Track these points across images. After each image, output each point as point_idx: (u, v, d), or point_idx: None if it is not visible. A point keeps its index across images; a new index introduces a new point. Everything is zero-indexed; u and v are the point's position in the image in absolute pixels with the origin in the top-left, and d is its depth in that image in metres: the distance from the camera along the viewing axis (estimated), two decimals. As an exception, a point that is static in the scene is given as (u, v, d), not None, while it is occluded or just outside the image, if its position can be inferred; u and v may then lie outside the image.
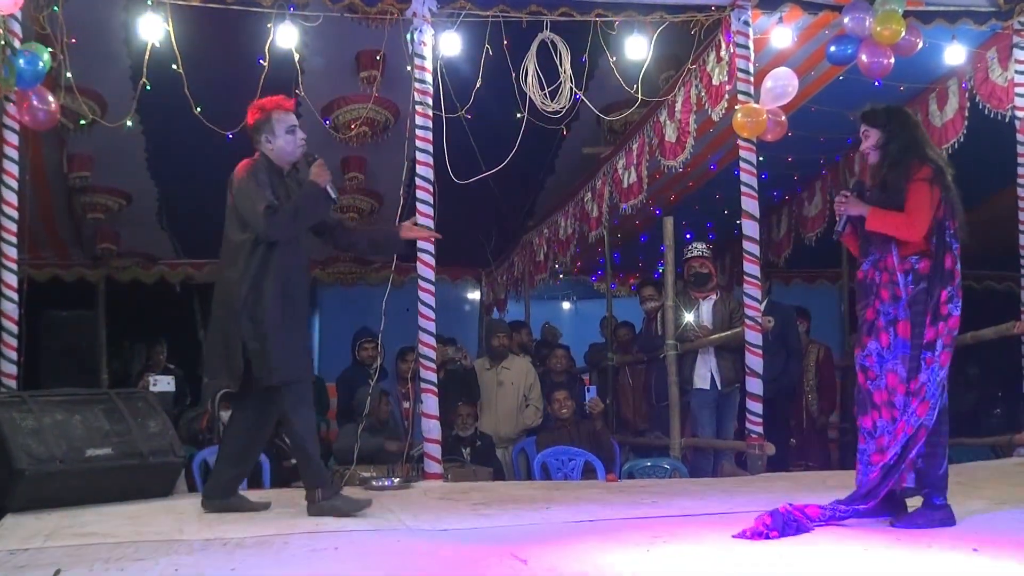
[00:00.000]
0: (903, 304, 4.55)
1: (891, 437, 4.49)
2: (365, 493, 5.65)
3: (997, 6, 7.37)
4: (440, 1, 6.86)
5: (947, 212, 4.57)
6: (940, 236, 4.56)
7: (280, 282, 4.95)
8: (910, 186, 4.59)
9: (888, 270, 4.62)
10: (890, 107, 4.86)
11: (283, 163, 5.20)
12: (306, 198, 5.06)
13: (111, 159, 9.32)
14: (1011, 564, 3.64)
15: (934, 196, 4.57)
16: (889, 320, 4.58)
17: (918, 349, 4.52)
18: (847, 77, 7.71)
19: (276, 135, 5.12)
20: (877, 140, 4.77)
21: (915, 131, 4.79)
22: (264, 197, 4.91)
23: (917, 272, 4.56)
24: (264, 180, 5.00)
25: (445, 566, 3.80)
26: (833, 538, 4.24)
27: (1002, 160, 7.65)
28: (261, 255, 4.95)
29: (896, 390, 4.55)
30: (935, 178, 4.60)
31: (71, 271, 11.95)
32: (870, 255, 4.71)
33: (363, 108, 8.40)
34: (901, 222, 4.59)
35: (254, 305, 4.90)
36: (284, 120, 5.15)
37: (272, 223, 4.89)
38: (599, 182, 9.91)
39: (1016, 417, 7.78)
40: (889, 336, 4.58)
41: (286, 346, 4.92)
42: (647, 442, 9.02)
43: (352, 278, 12.51)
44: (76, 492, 5.29)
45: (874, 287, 4.66)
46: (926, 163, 4.64)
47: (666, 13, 7.14)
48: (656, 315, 8.94)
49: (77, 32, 6.75)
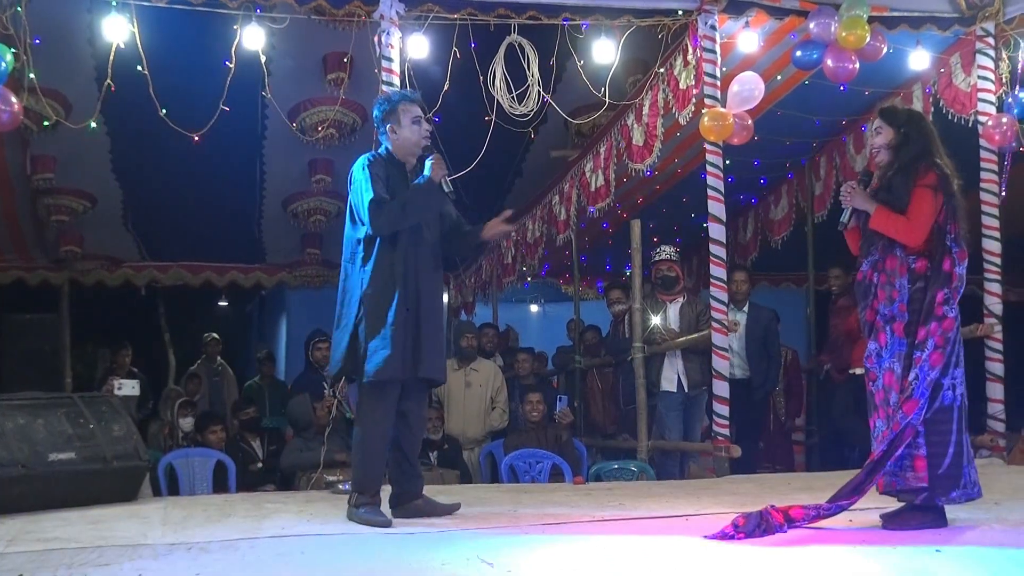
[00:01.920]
0: (899, 304, 4.58)
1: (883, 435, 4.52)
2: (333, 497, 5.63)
3: (960, 12, 7.45)
4: (407, 3, 6.85)
5: (948, 217, 4.58)
6: (939, 239, 4.57)
7: (398, 278, 4.87)
8: (914, 191, 4.61)
9: (887, 271, 4.64)
10: (911, 110, 4.88)
11: (406, 155, 5.09)
12: (417, 192, 4.96)
13: (75, 161, 9.24)
14: (974, 564, 3.67)
15: (937, 202, 4.59)
16: (886, 320, 4.61)
17: (911, 347, 4.54)
18: (813, 82, 7.78)
19: (402, 125, 5.05)
20: (890, 140, 4.77)
21: (929, 138, 4.78)
22: (372, 191, 4.84)
23: (914, 272, 4.58)
24: (379, 174, 4.92)
25: (411, 569, 3.79)
26: (797, 539, 4.26)
27: (965, 165, 7.69)
28: (372, 248, 4.90)
29: (892, 388, 4.57)
30: (939, 184, 4.61)
31: (34, 274, 11.84)
32: (870, 256, 4.73)
33: (330, 110, 8.37)
34: (903, 226, 4.61)
35: (371, 302, 4.85)
36: (410, 111, 5.07)
37: (377, 217, 4.82)
38: (567, 185, 9.93)
39: (979, 419, 7.84)
40: (887, 335, 4.60)
41: (395, 345, 4.82)
42: (615, 445, 9.04)
43: (320, 280, 12.46)
44: (39, 497, 5.23)
45: (872, 288, 4.68)
46: (932, 169, 4.64)
47: (633, 17, 7.16)
48: (623, 318, 8.97)
49: (40, 32, 6.69)
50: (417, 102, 5.16)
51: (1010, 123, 7.39)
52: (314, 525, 4.81)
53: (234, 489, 7.06)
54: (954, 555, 3.83)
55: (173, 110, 7.01)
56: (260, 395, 10.80)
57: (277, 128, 8.76)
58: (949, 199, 4.61)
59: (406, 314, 4.85)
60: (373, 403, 4.92)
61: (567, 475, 7.18)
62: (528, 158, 10.10)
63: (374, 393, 4.90)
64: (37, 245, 11.38)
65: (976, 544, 4.03)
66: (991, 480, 6.29)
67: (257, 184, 10.10)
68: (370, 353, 4.82)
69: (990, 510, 5.01)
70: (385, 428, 4.95)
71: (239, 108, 7.37)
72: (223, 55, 6.84)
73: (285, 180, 10.11)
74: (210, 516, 5.13)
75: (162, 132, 7.05)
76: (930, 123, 4.92)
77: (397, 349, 4.81)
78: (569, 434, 8.40)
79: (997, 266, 7.52)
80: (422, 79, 7.08)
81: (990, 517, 4.81)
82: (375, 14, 6.84)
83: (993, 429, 7.42)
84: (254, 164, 9.70)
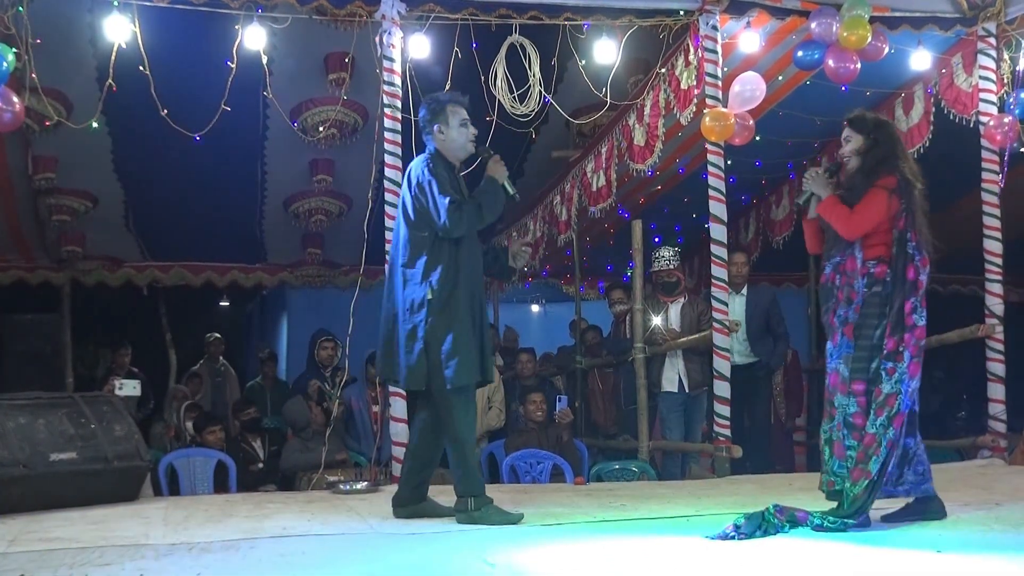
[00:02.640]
0: (854, 306, 4.61)
1: (862, 449, 4.51)
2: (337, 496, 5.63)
3: (962, 12, 7.44)
4: (409, 4, 6.85)
5: (908, 223, 4.61)
6: (901, 247, 4.60)
7: (462, 281, 4.88)
8: (870, 190, 4.66)
9: (847, 273, 4.67)
10: (879, 117, 4.92)
11: (453, 157, 5.08)
12: (487, 194, 4.97)
13: (77, 161, 9.24)
14: (975, 565, 3.67)
15: (891, 205, 4.61)
16: (841, 321, 4.65)
17: (866, 351, 4.56)
18: (814, 82, 7.77)
19: (450, 126, 5.02)
20: (859, 147, 4.81)
21: (895, 145, 4.85)
22: (448, 192, 4.82)
23: (872, 276, 4.61)
24: (444, 176, 4.91)
25: (413, 570, 3.79)
26: (798, 540, 4.26)
27: (967, 165, 7.72)
28: (439, 251, 4.88)
29: (837, 389, 4.61)
30: (897, 189, 4.64)
31: (36, 274, 11.82)
32: (832, 258, 4.76)
33: (331, 110, 8.37)
34: (843, 215, 4.67)
35: (438, 304, 4.82)
36: (457, 113, 5.05)
37: (458, 218, 4.80)
38: (568, 185, 9.92)
39: (980, 419, 7.84)
40: (838, 336, 4.65)
41: (469, 348, 4.83)
42: (616, 445, 9.04)
43: (321, 281, 12.46)
44: (40, 497, 5.24)
45: (834, 291, 4.71)
46: (894, 173, 4.69)
47: (635, 17, 7.16)
48: (624, 318, 8.97)
49: (42, 33, 6.69)
50: (465, 105, 5.15)
51: (1012, 123, 7.39)
52: (315, 525, 4.81)
53: (235, 489, 7.05)
54: (955, 556, 3.83)
55: (174, 110, 7.02)
56: (262, 395, 10.80)
57: (278, 128, 8.76)
58: (909, 204, 4.63)
59: (472, 317, 4.88)
60: (461, 407, 4.89)
61: (568, 475, 7.18)
62: (529, 158, 10.09)
63: (460, 398, 4.88)
64: (38, 245, 11.37)
65: (977, 545, 4.03)
66: (992, 481, 6.31)
67: (258, 184, 10.09)
68: (446, 359, 4.79)
69: (991, 510, 5.03)
70: (475, 429, 4.99)
71: (240, 108, 7.37)
72: (224, 55, 6.84)
73: (286, 180, 10.10)
74: (211, 516, 5.13)
75: (163, 132, 7.06)
76: (896, 130, 5.00)
77: (474, 352, 4.84)
78: (570, 434, 8.40)
79: (998, 266, 7.51)
80: (423, 79, 7.07)
81: (991, 517, 4.82)
82: (376, 14, 6.84)
83: (994, 430, 7.42)
84: (255, 164, 9.69)
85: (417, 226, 4.94)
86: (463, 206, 4.83)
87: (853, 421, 4.56)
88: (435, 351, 4.81)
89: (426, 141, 5.12)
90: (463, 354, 4.80)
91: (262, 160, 9.63)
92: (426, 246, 4.90)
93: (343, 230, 10.52)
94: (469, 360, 4.82)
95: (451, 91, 5.27)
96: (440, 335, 4.80)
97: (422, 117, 5.12)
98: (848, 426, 4.58)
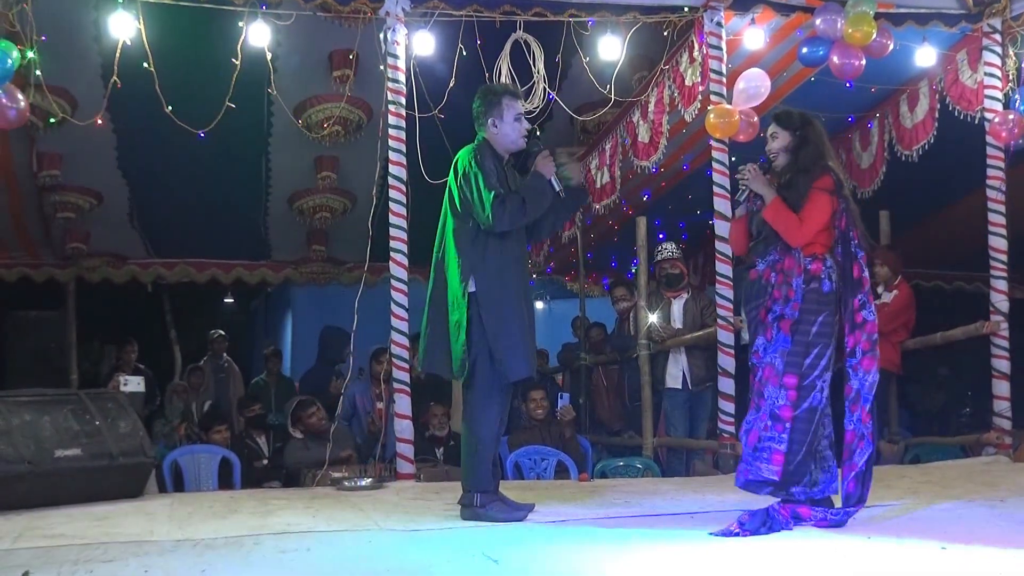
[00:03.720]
0: (793, 303, 4.62)
1: (788, 444, 4.53)
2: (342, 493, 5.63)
3: (967, 8, 7.43)
4: (413, 0, 6.85)
5: (849, 222, 4.66)
6: (845, 246, 4.64)
7: (510, 274, 4.86)
8: (811, 193, 4.68)
9: (784, 271, 4.69)
10: (805, 114, 4.93)
11: (504, 150, 5.04)
12: (533, 190, 4.91)
13: (81, 158, 9.25)
14: (979, 561, 3.67)
15: (833, 206, 4.66)
16: (775, 317, 4.66)
17: (802, 347, 4.58)
18: (819, 79, 7.75)
19: (504, 120, 4.98)
20: (787, 144, 4.84)
21: (823, 141, 4.85)
22: (492, 185, 4.78)
23: (809, 273, 4.64)
24: (491, 168, 4.86)
25: (417, 566, 3.79)
26: (804, 537, 4.26)
27: (972, 162, 7.71)
28: (484, 244, 4.85)
29: (768, 381, 4.63)
30: (835, 189, 4.69)
31: (40, 271, 11.82)
32: (767, 256, 4.77)
33: (336, 107, 8.37)
34: (794, 224, 4.67)
35: (484, 298, 4.79)
36: (513, 107, 5.02)
37: (501, 213, 4.75)
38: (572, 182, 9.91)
39: (985, 416, 7.83)
40: (773, 331, 4.66)
41: (526, 341, 4.82)
42: (620, 442, 9.04)
43: (325, 278, 12.45)
44: (45, 493, 5.25)
45: (768, 288, 4.73)
46: (829, 173, 4.73)
47: (639, 14, 7.16)
48: (628, 315, 8.97)
49: (47, 29, 6.69)
50: (521, 99, 5.13)
51: (1017, 120, 7.37)
52: (319, 522, 4.81)
53: (239, 486, 7.06)
54: (960, 552, 3.83)
55: (179, 107, 7.02)
56: (266, 392, 10.82)
57: (283, 125, 8.75)
58: (846, 203, 4.69)
59: (523, 311, 4.85)
60: (495, 403, 4.88)
61: (572, 472, 7.18)
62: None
63: (500, 393, 4.87)
64: (43, 242, 11.38)
65: (981, 541, 4.02)
66: (997, 478, 6.31)
67: (263, 181, 10.09)
68: (500, 352, 4.76)
69: (995, 507, 5.02)
70: (500, 426, 4.95)
71: (245, 105, 7.37)
72: (229, 52, 6.84)
73: (291, 177, 10.10)
74: (216, 513, 5.14)
75: (168, 129, 7.05)
76: (822, 126, 4.95)
77: (527, 346, 4.82)
78: (573, 431, 8.39)
79: (1003, 263, 7.49)
80: (428, 76, 7.08)
81: (995, 514, 4.82)
82: (381, 11, 6.84)
83: (999, 426, 7.41)
84: (260, 161, 9.69)
85: (462, 217, 4.91)
86: (507, 201, 4.79)
87: (780, 414, 4.57)
88: (480, 343, 4.79)
89: (478, 132, 5.07)
90: (520, 349, 4.78)
91: (266, 157, 9.63)
92: (471, 238, 4.87)
93: (347, 227, 10.52)
94: (526, 356, 4.80)
95: (506, 84, 5.17)
96: (489, 328, 4.77)
97: (476, 108, 5.06)
98: (774, 418, 4.59)
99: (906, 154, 8.31)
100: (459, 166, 4.95)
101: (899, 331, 8.25)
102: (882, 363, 8.17)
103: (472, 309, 4.80)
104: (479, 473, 4.87)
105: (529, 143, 5.07)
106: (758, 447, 4.59)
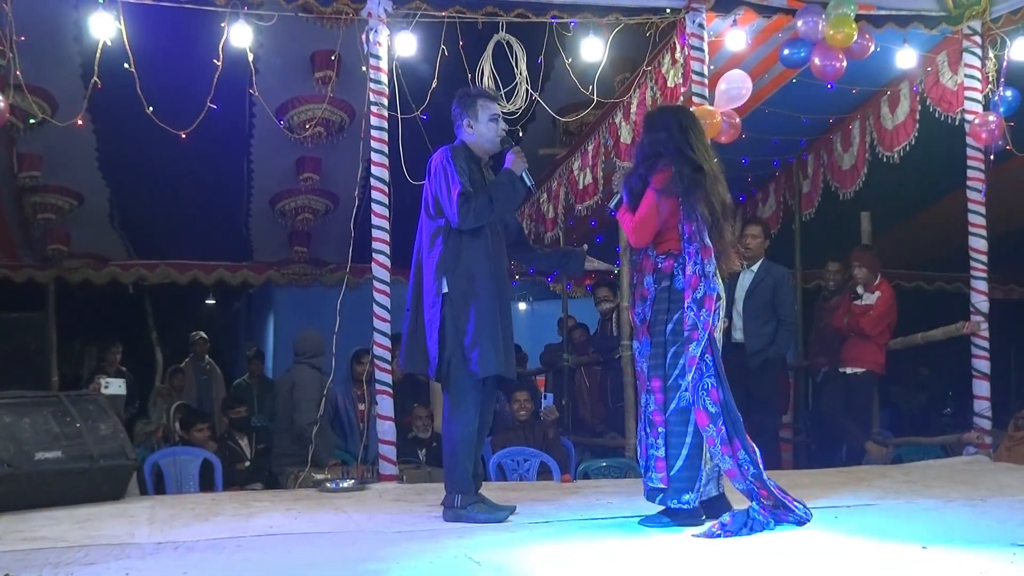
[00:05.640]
0: (648, 303, 4.62)
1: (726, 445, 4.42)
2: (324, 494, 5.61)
3: (947, 11, 7.46)
4: (396, 1, 6.84)
5: (683, 218, 4.53)
6: (684, 243, 4.54)
7: (484, 272, 4.84)
8: (645, 192, 4.64)
9: (642, 271, 4.69)
10: (662, 106, 4.90)
11: (481, 151, 5.06)
12: (501, 186, 4.92)
13: (62, 159, 9.21)
14: (960, 560, 3.68)
15: (662, 205, 4.57)
16: (640, 319, 4.66)
17: (660, 347, 4.54)
18: (800, 80, 7.79)
19: (479, 120, 5.00)
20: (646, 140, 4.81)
21: (667, 133, 4.69)
22: (460, 183, 4.79)
23: (660, 271, 4.62)
24: (463, 167, 4.87)
25: (399, 568, 3.79)
26: (782, 537, 4.27)
27: (952, 163, 7.75)
28: (456, 243, 4.85)
29: (642, 388, 4.62)
30: (669, 187, 4.56)
31: (20, 272, 11.76)
32: (633, 256, 4.79)
33: (318, 108, 8.36)
34: (628, 225, 4.67)
35: (456, 296, 4.80)
36: (488, 107, 5.03)
37: (466, 210, 4.76)
38: (555, 183, 9.93)
39: (965, 416, 7.87)
40: (641, 334, 4.65)
41: (494, 339, 4.80)
42: (604, 443, 9.04)
43: (307, 279, 12.43)
44: (25, 496, 5.22)
45: (632, 289, 4.77)
46: (668, 167, 4.60)
47: (621, 15, 7.16)
48: (611, 316, 8.97)
49: (27, 30, 6.66)
50: (496, 100, 5.15)
51: (996, 121, 7.41)
52: (302, 524, 4.81)
53: (221, 488, 7.03)
54: (941, 551, 3.84)
55: (160, 108, 6.99)
56: (248, 393, 10.78)
57: (265, 126, 8.73)
58: (686, 198, 4.54)
59: (496, 309, 4.85)
60: (471, 403, 4.88)
61: (555, 473, 7.18)
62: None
63: (471, 390, 4.87)
64: (23, 243, 11.32)
65: (962, 540, 4.04)
66: (977, 477, 6.35)
67: (245, 182, 10.07)
68: (468, 349, 4.78)
69: (976, 505, 5.05)
70: (476, 426, 4.94)
71: (226, 106, 7.35)
72: (210, 53, 6.82)
73: (273, 178, 10.08)
74: (197, 515, 5.12)
75: (149, 130, 7.02)
76: (683, 117, 4.82)
77: (496, 344, 4.80)
78: (556, 432, 8.40)
79: (983, 264, 7.53)
80: (410, 77, 7.07)
81: (976, 513, 4.84)
82: (363, 12, 6.82)
83: (979, 426, 7.45)
84: (242, 162, 9.67)
85: (435, 217, 4.94)
86: (472, 198, 4.79)
87: (652, 418, 4.55)
88: (453, 342, 4.80)
89: (456, 133, 5.10)
90: (486, 346, 4.78)
91: (248, 158, 9.61)
92: (443, 237, 4.88)
93: (330, 228, 10.51)
94: (493, 353, 4.79)
95: (482, 86, 5.20)
96: (461, 326, 4.79)
97: (453, 111, 5.10)
98: (649, 424, 4.57)
99: (887, 155, 8.36)
100: (432, 165, 4.97)
101: (884, 332, 8.29)
102: (867, 364, 8.38)
103: (445, 308, 4.82)
104: (456, 474, 4.88)
105: (501, 140, 5.09)
106: (648, 456, 4.58)
